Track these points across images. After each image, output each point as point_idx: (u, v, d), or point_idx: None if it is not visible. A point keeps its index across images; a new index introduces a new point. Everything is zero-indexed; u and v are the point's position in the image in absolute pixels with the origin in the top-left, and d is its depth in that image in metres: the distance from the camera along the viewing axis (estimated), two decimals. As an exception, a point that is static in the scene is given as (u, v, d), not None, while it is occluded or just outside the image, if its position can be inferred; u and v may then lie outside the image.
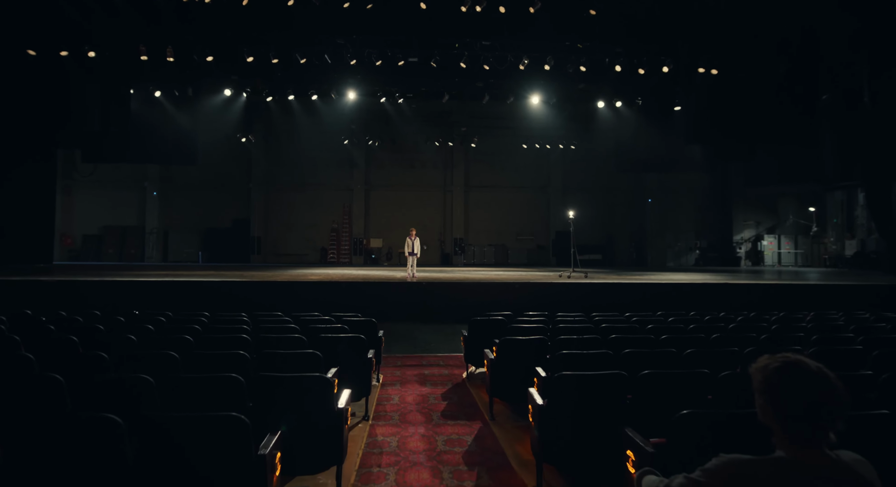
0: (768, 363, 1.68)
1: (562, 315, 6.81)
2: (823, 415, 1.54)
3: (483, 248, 23.01)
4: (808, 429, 1.56)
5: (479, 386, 6.12)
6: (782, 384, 1.60)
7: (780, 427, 1.60)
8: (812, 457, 1.55)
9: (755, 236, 22.17)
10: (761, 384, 1.66)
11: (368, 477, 3.79)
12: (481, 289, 11.90)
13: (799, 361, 1.63)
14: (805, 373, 1.59)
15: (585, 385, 3.35)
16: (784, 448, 1.61)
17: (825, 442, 1.57)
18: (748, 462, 1.61)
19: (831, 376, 1.58)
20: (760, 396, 1.67)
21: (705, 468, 1.67)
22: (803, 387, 1.57)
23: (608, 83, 15.64)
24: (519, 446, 4.29)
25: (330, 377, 3.78)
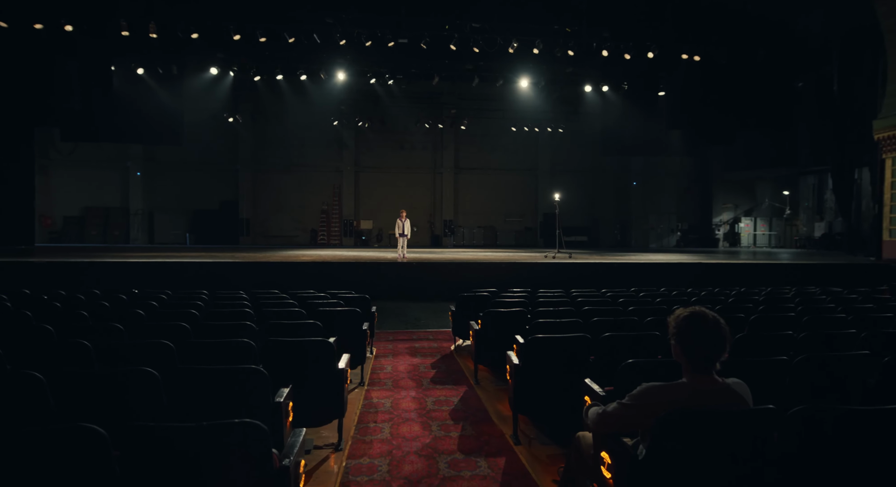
0: (679, 314, 2.21)
1: (543, 291, 7.36)
2: (712, 351, 2.09)
3: (472, 229, 23.49)
4: (703, 361, 2.11)
5: (465, 357, 6.66)
6: (687, 328, 2.13)
7: (685, 360, 2.16)
8: (705, 381, 2.14)
9: (733, 218, 22.92)
10: (674, 328, 2.20)
11: (366, 431, 4.31)
12: (469, 269, 12.43)
13: (702, 312, 2.17)
14: (704, 320, 2.12)
15: (555, 346, 3.88)
16: (687, 376, 2.17)
17: (714, 371, 2.13)
18: (661, 386, 2.16)
19: (721, 323, 2.12)
20: (672, 338, 2.20)
21: (632, 393, 2.22)
22: (701, 330, 2.11)
23: (595, 67, 16.03)
24: (499, 404, 4.84)
25: (330, 340, 4.26)
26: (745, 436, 2.05)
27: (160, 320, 5.06)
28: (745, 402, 2.11)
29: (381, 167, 23.37)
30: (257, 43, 14.01)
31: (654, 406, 2.10)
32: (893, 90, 12.63)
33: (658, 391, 2.14)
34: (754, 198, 22.67)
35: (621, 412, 2.22)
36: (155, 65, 15.99)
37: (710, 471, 2.06)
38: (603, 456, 2.38)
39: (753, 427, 2.05)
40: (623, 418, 2.23)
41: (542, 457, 3.74)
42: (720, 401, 2.08)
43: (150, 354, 3.50)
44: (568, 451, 3.73)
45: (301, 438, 2.49)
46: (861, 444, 2.05)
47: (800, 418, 2.03)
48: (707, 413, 2.03)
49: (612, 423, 2.29)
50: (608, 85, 17.18)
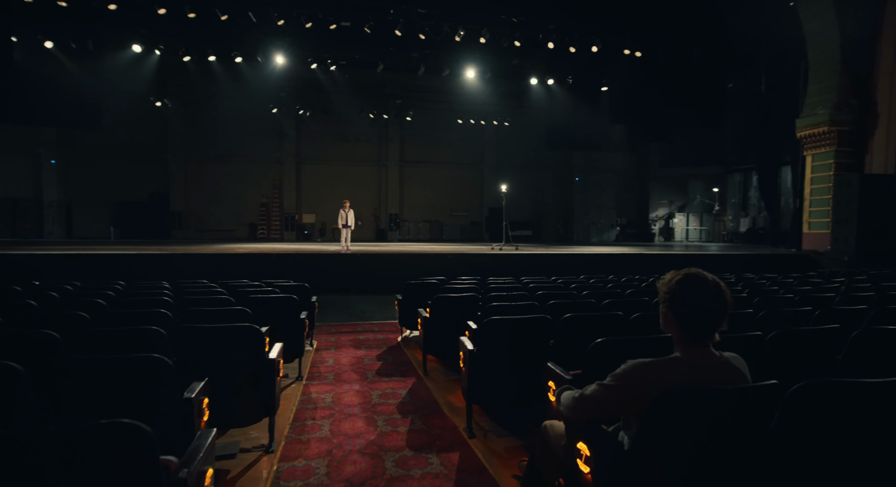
0: (673, 276, 1.87)
1: (493, 279, 7.03)
2: (712, 317, 1.76)
3: (418, 224, 23.02)
4: (700, 331, 1.78)
5: (413, 347, 6.22)
6: (683, 292, 1.79)
7: (677, 329, 1.82)
8: (700, 354, 1.79)
9: (668, 214, 23.73)
10: (665, 294, 1.85)
11: (303, 429, 3.79)
12: (416, 260, 11.98)
13: (701, 273, 1.83)
14: (703, 282, 1.79)
15: (512, 329, 3.51)
16: (680, 349, 1.83)
17: (711, 342, 1.80)
18: (649, 362, 1.80)
19: (723, 285, 1.79)
20: (664, 304, 1.86)
21: (615, 373, 1.85)
22: (700, 294, 1.77)
23: (541, 60, 15.95)
24: (451, 395, 4.44)
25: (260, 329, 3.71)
26: (750, 417, 1.74)
27: (57, 309, 4.30)
28: (745, 378, 1.80)
29: (325, 159, 22.43)
30: (185, 19, 12.79)
31: (644, 386, 1.75)
32: (814, 91, 13.31)
33: (648, 369, 1.79)
34: (687, 194, 23.55)
35: (604, 394, 1.86)
36: (66, 38, 14.16)
37: (711, 459, 1.73)
38: (580, 448, 2.01)
39: (759, 406, 1.74)
40: (606, 401, 1.86)
41: (500, 450, 3.36)
42: (720, 378, 1.75)
43: (25, 346, 2.83)
44: (532, 442, 3.40)
45: (208, 441, 1.96)
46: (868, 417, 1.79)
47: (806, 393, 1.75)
48: (710, 392, 1.69)
49: (592, 408, 1.93)
50: (553, 78, 17.19)
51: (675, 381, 1.73)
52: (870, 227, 11.66)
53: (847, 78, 12.78)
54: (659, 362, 1.80)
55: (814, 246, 13.07)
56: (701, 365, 1.77)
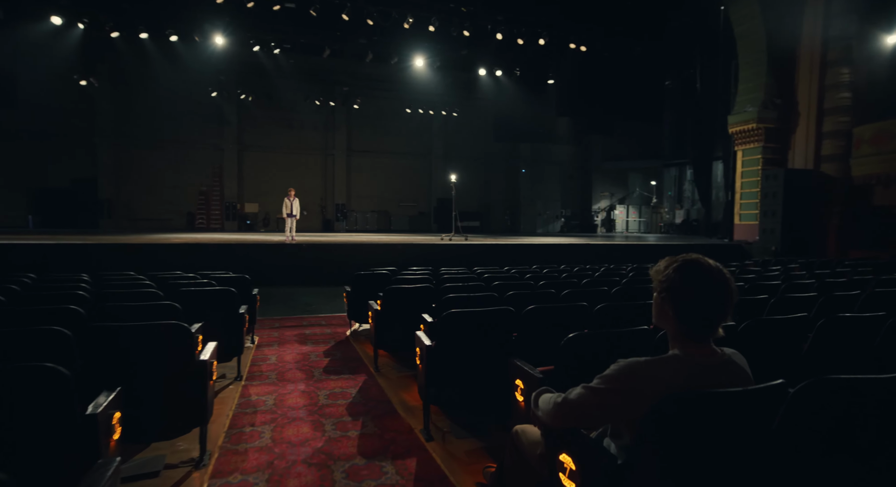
0: (669, 263, 1.60)
1: (446, 269, 6.72)
2: (718, 310, 1.51)
3: (366, 214, 22.37)
4: (701, 325, 1.52)
5: (363, 342, 5.82)
6: (683, 281, 1.53)
7: (676, 324, 1.55)
8: (701, 352, 1.54)
9: (609, 206, 24.31)
10: (661, 283, 1.58)
11: (240, 437, 3.33)
12: (365, 250, 11.50)
13: (699, 259, 1.57)
14: (707, 270, 1.53)
15: (473, 322, 3.20)
16: (679, 345, 1.57)
17: (713, 338, 1.55)
18: (645, 362, 1.53)
19: (726, 272, 1.54)
20: (659, 295, 1.59)
21: (604, 375, 1.57)
22: (702, 283, 1.51)
23: (490, 51, 15.72)
24: (405, 393, 4.09)
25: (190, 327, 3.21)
26: (760, 419, 1.50)
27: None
28: (749, 378, 1.56)
29: (269, 147, 21.29)
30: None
31: (641, 390, 1.48)
32: (744, 89, 13.83)
33: (644, 370, 1.51)
34: (627, 187, 24.20)
35: (592, 399, 1.57)
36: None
37: (718, 468, 1.48)
38: (563, 461, 1.72)
39: (768, 408, 1.50)
40: (595, 407, 1.58)
41: (460, 454, 3.05)
42: (724, 379, 1.50)
43: None
44: (496, 444, 3.11)
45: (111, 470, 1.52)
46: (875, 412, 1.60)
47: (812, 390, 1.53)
48: (721, 396, 1.43)
49: (578, 415, 1.64)
50: (502, 70, 17.00)
51: (677, 384, 1.47)
52: (793, 218, 12.28)
53: (773, 78, 13.34)
54: (656, 361, 1.53)
55: (744, 237, 13.65)
56: (703, 365, 1.51)
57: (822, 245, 12.69)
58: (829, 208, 12.72)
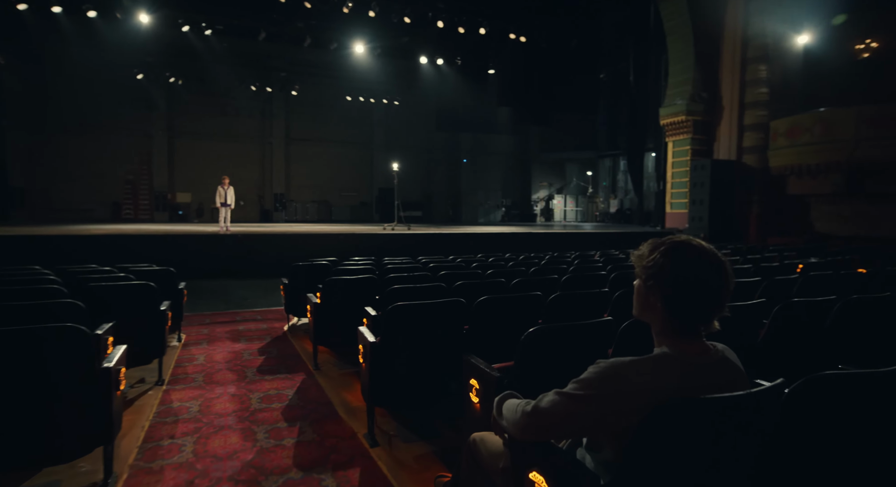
0: (655, 246, 1.33)
1: (389, 259, 6.35)
2: (715, 299, 1.25)
3: (305, 204, 21.41)
4: (696, 317, 1.27)
5: (301, 337, 5.36)
6: (674, 266, 1.26)
7: (665, 316, 1.29)
8: (694, 349, 1.28)
9: (548, 196, 24.66)
10: (647, 269, 1.30)
11: (156, 453, 2.85)
12: (304, 241, 10.86)
13: (690, 241, 1.31)
14: (703, 253, 1.27)
15: (422, 315, 2.88)
16: (668, 342, 1.30)
17: (708, 332, 1.30)
18: (630, 363, 1.25)
19: (721, 255, 1.29)
20: (645, 283, 1.32)
21: (582, 378, 1.28)
22: (696, 268, 1.24)
23: (431, 39, 15.29)
24: (347, 393, 3.72)
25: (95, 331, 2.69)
26: (762, 424, 1.27)
27: None
28: (745, 376, 1.33)
29: (202, 134, 19.83)
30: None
31: (628, 396, 1.21)
32: (674, 83, 14.24)
33: (631, 372, 1.24)
34: (565, 177, 24.61)
35: (570, 407, 1.28)
36: None
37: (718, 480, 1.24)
38: (533, 479, 1.43)
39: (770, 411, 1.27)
40: (572, 418, 1.29)
41: (409, 461, 2.73)
42: (721, 380, 1.26)
43: None
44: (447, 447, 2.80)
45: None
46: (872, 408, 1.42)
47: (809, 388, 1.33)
48: (726, 402, 1.18)
49: (551, 426, 1.35)
50: (443, 58, 16.60)
51: (670, 388, 1.21)
52: (719, 207, 12.82)
53: (700, 73, 13.81)
54: (643, 362, 1.27)
55: (675, 224, 14.14)
56: (697, 364, 1.26)
57: (745, 232, 13.34)
58: (750, 197, 13.39)
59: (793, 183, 12.83)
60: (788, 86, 13.10)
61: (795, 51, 12.81)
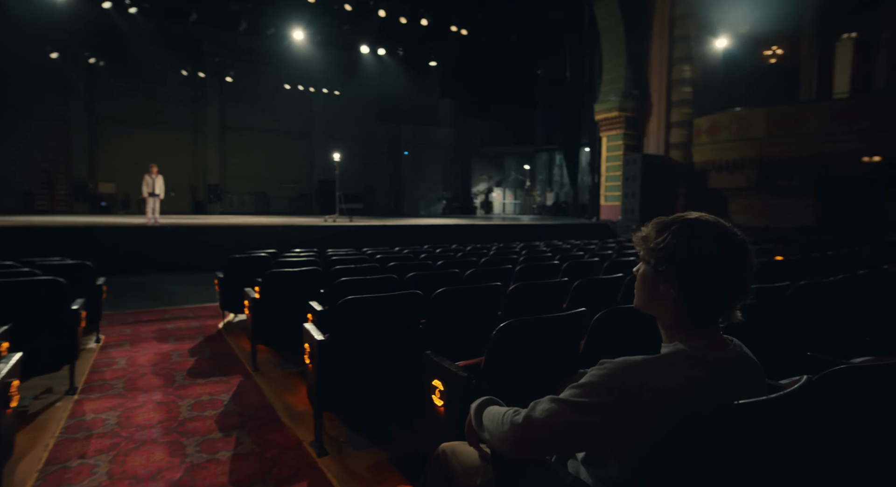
0: (665, 225, 1.10)
1: (333, 250, 5.94)
2: (740, 285, 1.04)
3: (242, 196, 20.11)
4: (718, 307, 1.06)
5: (238, 335, 4.85)
6: (693, 248, 1.03)
7: (681, 307, 1.06)
8: (713, 344, 1.07)
9: (487, 189, 24.75)
10: (657, 252, 1.07)
11: (61, 477, 2.36)
12: (240, 233, 10.09)
13: (705, 217, 1.09)
14: (720, 231, 1.05)
15: (376, 310, 2.56)
16: (682, 337, 1.08)
17: (724, 324, 1.09)
18: (643, 363, 1.01)
19: (739, 232, 1.09)
20: (655, 269, 1.08)
21: (585, 382, 1.03)
22: (721, 249, 1.03)
23: (372, 28, 14.67)
24: (290, 396, 3.33)
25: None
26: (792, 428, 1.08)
27: None
28: (762, 371, 1.14)
29: (127, 120, 18.08)
30: None
31: (644, 402, 0.98)
32: (608, 80, 14.57)
33: (646, 374, 1.01)
34: (504, 171, 24.77)
35: (572, 418, 1.02)
36: None
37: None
38: (523, 505, 1.18)
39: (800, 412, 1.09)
40: (575, 430, 1.03)
41: (362, 471, 2.42)
42: (742, 378, 1.06)
43: None
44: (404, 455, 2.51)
45: None
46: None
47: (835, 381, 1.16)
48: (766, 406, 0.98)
49: (550, 441, 1.07)
50: (385, 48, 16.02)
51: (692, 391, 0.99)
52: (649, 199, 13.29)
53: (631, 71, 14.21)
54: (658, 361, 1.04)
55: (609, 216, 14.53)
56: (718, 362, 1.04)
57: (670, 222, 13.92)
58: (676, 190, 13.99)
59: (713, 177, 13.53)
60: (710, 86, 13.75)
61: (716, 53, 13.44)
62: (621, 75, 14.14)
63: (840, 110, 11.00)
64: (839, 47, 12.02)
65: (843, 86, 11.93)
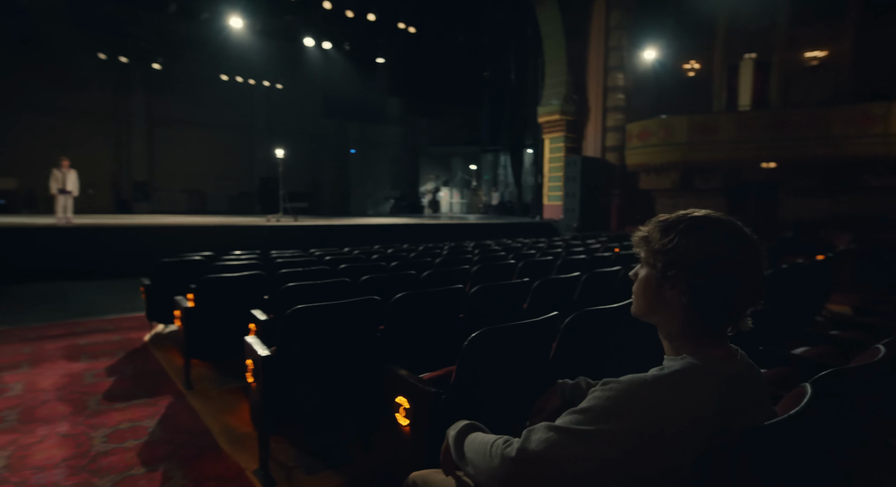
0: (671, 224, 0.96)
1: (278, 252, 5.49)
2: (754, 289, 0.92)
3: (174, 194, 18.65)
4: (731, 312, 0.93)
5: (169, 349, 4.32)
6: (704, 249, 0.91)
7: (690, 314, 0.93)
8: (723, 355, 0.94)
9: (435, 188, 24.57)
10: (663, 254, 0.94)
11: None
12: (172, 234, 9.23)
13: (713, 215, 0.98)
14: (732, 230, 0.93)
15: (329, 319, 2.26)
16: (690, 348, 0.94)
17: (733, 332, 0.97)
18: (654, 382, 0.87)
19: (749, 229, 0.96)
20: (661, 272, 0.95)
21: (588, 407, 0.86)
22: (732, 251, 0.90)
23: (317, 20, 14.01)
24: (230, 417, 2.93)
25: None
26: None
27: None
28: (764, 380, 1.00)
29: (34, 106, 16.11)
30: None
31: (660, 429, 0.83)
32: (550, 84, 14.81)
33: (659, 392, 0.86)
34: (450, 170, 24.68)
35: (576, 450, 0.84)
36: None
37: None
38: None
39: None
40: (581, 464, 0.84)
41: (317, 502, 2.12)
42: (755, 393, 0.94)
43: None
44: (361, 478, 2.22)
45: None
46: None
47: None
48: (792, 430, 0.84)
49: (549, 477, 0.87)
50: (331, 42, 15.36)
51: (711, 412, 0.85)
52: (588, 199, 13.65)
53: (572, 76, 14.53)
54: (670, 379, 0.87)
55: (552, 215, 14.77)
56: (733, 377, 0.90)
57: (608, 222, 14.39)
58: (612, 191, 14.47)
59: (643, 179, 14.17)
60: (641, 93, 14.36)
61: (646, 63, 14.02)
62: (563, 80, 14.42)
63: (745, 121, 12.02)
64: (742, 66, 13.22)
65: (746, 99, 13.15)
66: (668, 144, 12.83)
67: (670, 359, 0.95)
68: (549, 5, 14.17)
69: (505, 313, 2.84)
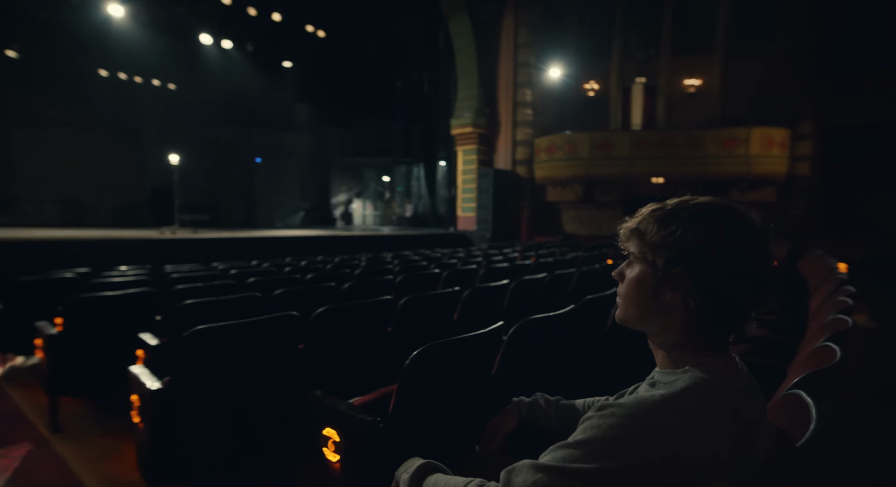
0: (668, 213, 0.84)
1: (174, 267, 4.87)
2: (766, 285, 0.80)
3: (44, 204, 16.13)
4: (739, 316, 0.81)
5: (29, 385, 3.57)
6: (714, 241, 0.78)
7: (694, 319, 0.80)
8: (727, 366, 0.82)
9: (347, 200, 23.91)
10: (665, 249, 0.81)
11: None
12: (36, 250, 7.89)
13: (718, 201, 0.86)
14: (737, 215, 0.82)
15: (238, 340, 1.94)
16: (693, 360, 0.82)
17: (735, 340, 0.85)
18: (663, 404, 0.72)
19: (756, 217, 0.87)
20: (666, 269, 0.81)
21: (586, 439, 0.71)
22: (745, 241, 0.79)
23: (215, 16, 12.95)
24: (111, 463, 2.44)
25: None
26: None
27: None
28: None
29: None
30: None
31: (675, 460, 0.69)
32: (463, 97, 15.10)
33: (671, 416, 0.71)
34: (363, 182, 24.17)
35: None
36: None
37: None
38: None
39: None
40: None
41: (226, 560, 1.78)
42: (761, 406, 0.83)
43: None
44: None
45: None
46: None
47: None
48: None
49: None
50: (231, 41, 14.30)
51: (727, 436, 0.74)
52: (500, 210, 14.04)
53: (483, 90, 14.94)
54: (679, 398, 0.74)
55: (466, 227, 14.96)
56: (738, 390, 0.79)
57: (518, 232, 14.90)
58: (521, 203, 15.04)
59: (550, 192, 14.94)
60: (547, 109, 15.16)
61: (552, 80, 14.85)
62: (475, 93, 14.78)
63: (638, 140, 13.22)
64: (634, 89, 14.59)
65: (637, 119, 14.47)
66: (572, 159, 13.65)
67: (669, 373, 0.82)
68: (461, 19, 14.50)
69: (435, 325, 2.68)
